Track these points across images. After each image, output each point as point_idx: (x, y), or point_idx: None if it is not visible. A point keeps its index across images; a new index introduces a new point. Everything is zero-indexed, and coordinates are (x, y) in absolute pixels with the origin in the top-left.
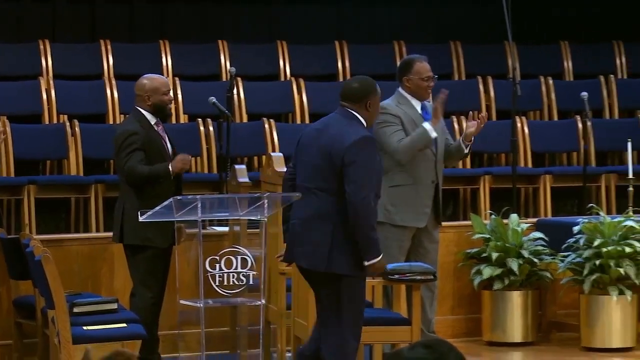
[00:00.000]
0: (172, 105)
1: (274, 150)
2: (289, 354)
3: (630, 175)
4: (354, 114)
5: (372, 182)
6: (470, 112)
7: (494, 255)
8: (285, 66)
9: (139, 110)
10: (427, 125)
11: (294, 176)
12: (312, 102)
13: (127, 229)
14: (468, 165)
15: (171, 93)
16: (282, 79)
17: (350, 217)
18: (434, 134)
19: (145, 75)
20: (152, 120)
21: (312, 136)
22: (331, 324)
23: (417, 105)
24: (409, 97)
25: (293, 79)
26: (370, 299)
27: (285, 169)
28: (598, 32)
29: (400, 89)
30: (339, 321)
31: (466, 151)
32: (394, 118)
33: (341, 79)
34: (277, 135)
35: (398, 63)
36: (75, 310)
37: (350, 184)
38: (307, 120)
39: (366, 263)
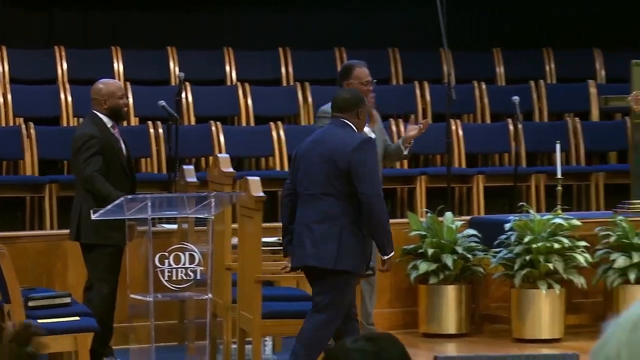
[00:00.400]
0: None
1: (220, 152)
2: (234, 346)
3: (559, 175)
4: (347, 123)
5: (379, 180)
6: (412, 116)
7: (430, 251)
8: (231, 71)
9: (96, 114)
10: (367, 129)
11: (293, 189)
12: (256, 106)
13: (83, 227)
14: (405, 166)
15: (125, 97)
16: (229, 83)
17: (368, 214)
18: (372, 135)
19: (101, 80)
20: (109, 123)
21: (309, 148)
22: (322, 310)
23: None
24: None
25: (239, 83)
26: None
27: (231, 169)
28: (528, 40)
29: None
30: (332, 308)
31: (405, 153)
32: None
33: (284, 83)
34: (224, 137)
35: (339, 68)
36: (30, 304)
37: (361, 184)
38: (252, 123)
39: (385, 257)
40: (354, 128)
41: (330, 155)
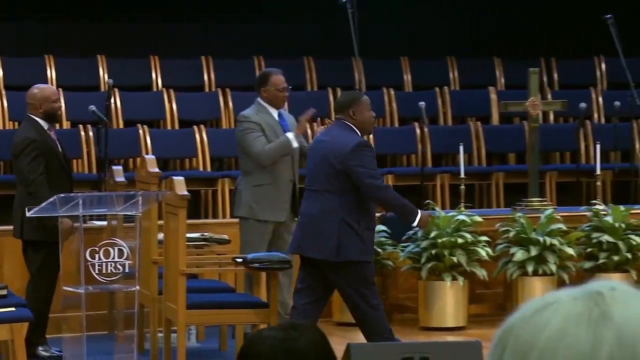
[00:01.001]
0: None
1: (147, 153)
2: (160, 334)
3: (462, 175)
4: (346, 123)
5: (375, 174)
6: (319, 119)
7: None
8: (157, 78)
9: (33, 118)
10: (290, 135)
11: None
12: (180, 110)
13: (26, 225)
14: None
15: (59, 101)
16: (155, 89)
17: (378, 203)
18: (295, 144)
19: (36, 86)
20: (45, 126)
21: (315, 146)
22: (353, 302)
23: (274, 112)
24: (267, 106)
25: (164, 89)
26: (233, 285)
27: (157, 170)
28: (434, 49)
29: (259, 99)
30: (359, 298)
31: None
32: (255, 125)
33: (207, 90)
34: (150, 139)
35: (257, 76)
36: None
37: (361, 182)
38: (176, 126)
39: (414, 224)
40: (353, 127)
41: (328, 154)
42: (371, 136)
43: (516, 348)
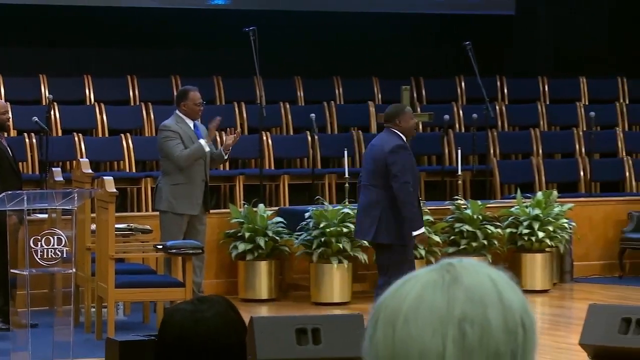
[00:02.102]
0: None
1: (81, 157)
2: (93, 309)
3: (347, 175)
4: (392, 130)
5: (406, 175)
6: (229, 129)
7: (247, 234)
8: (90, 94)
9: None
10: (202, 141)
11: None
12: (110, 121)
13: None
14: (227, 168)
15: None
16: (88, 103)
17: (397, 200)
18: (207, 149)
19: None
20: None
21: (368, 150)
22: (381, 274)
23: (191, 123)
24: (184, 117)
25: (96, 103)
26: (154, 268)
27: (90, 171)
28: (322, 69)
29: (178, 112)
30: (386, 273)
31: (225, 157)
32: (175, 134)
33: (132, 103)
34: (84, 145)
35: (175, 92)
36: None
37: (393, 178)
38: (106, 134)
39: (414, 233)
40: (399, 133)
41: (375, 155)
42: (270, 142)
43: (386, 317)
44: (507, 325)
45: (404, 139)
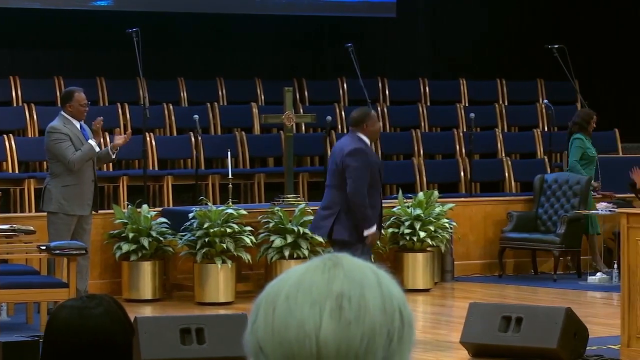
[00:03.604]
0: None
1: None
2: None
3: (230, 176)
4: (356, 134)
5: (362, 178)
6: (118, 129)
7: (131, 235)
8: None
9: None
10: (92, 142)
11: None
12: None
13: None
14: (110, 168)
15: None
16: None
17: (350, 201)
18: (97, 149)
19: None
20: None
21: (332, 151)
22: None
23: (77, 124)
24: (71, 118)
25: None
26: (38, 269)
27: None
28: (205, 72)
29: (63, 113)
30: None
31: (113, 157)
32: (64, 136)
33: (14, 104)
34: None
35: (59, 93)
36: None
37: (347, 180)
38: None
39: (365, 233)
40: (362, 136)
41: (335, 156)
42: (153, 142)
43: (267, 301)
44: (385, 307)
45: (367, 142)
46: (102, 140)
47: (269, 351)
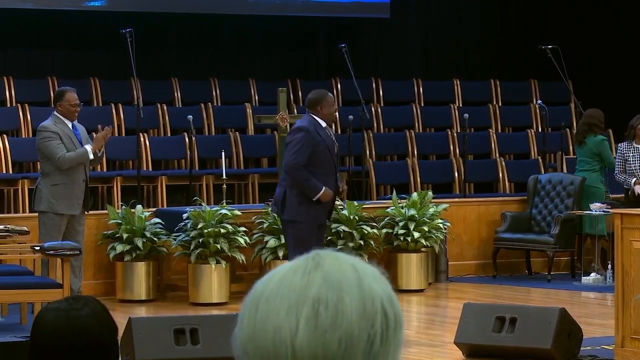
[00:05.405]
0: None
1: None
2: None
3: (224, 176)
4: (309, 115)
5: (298, 153)
6: (99, 126)
7: (125, 235)
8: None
9: None
10: (88, 147)
11: None
12: None
13: None
14: (104, 169)
15: None
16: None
17: (290, 178)
18: (91, 156)
19: None
20: None
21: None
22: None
23: (69, 124)
24: (62, 118)
25: None
26: (32, 269)
27: None
28: (198, 72)
29: (55, 112)
30: (294, 254)
31: (99, 154)
32: (54, 134)
33: (8, 105)
34: None
35: (52, 93)
36: None
37: (285, 158)
38: None
39: (314, 199)
40: (317, 119)
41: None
42: (147, 143)
43: (252, 298)
44: (365, 310)
45: (322, 124)
46: (103, 150)
47: (250, 353)
